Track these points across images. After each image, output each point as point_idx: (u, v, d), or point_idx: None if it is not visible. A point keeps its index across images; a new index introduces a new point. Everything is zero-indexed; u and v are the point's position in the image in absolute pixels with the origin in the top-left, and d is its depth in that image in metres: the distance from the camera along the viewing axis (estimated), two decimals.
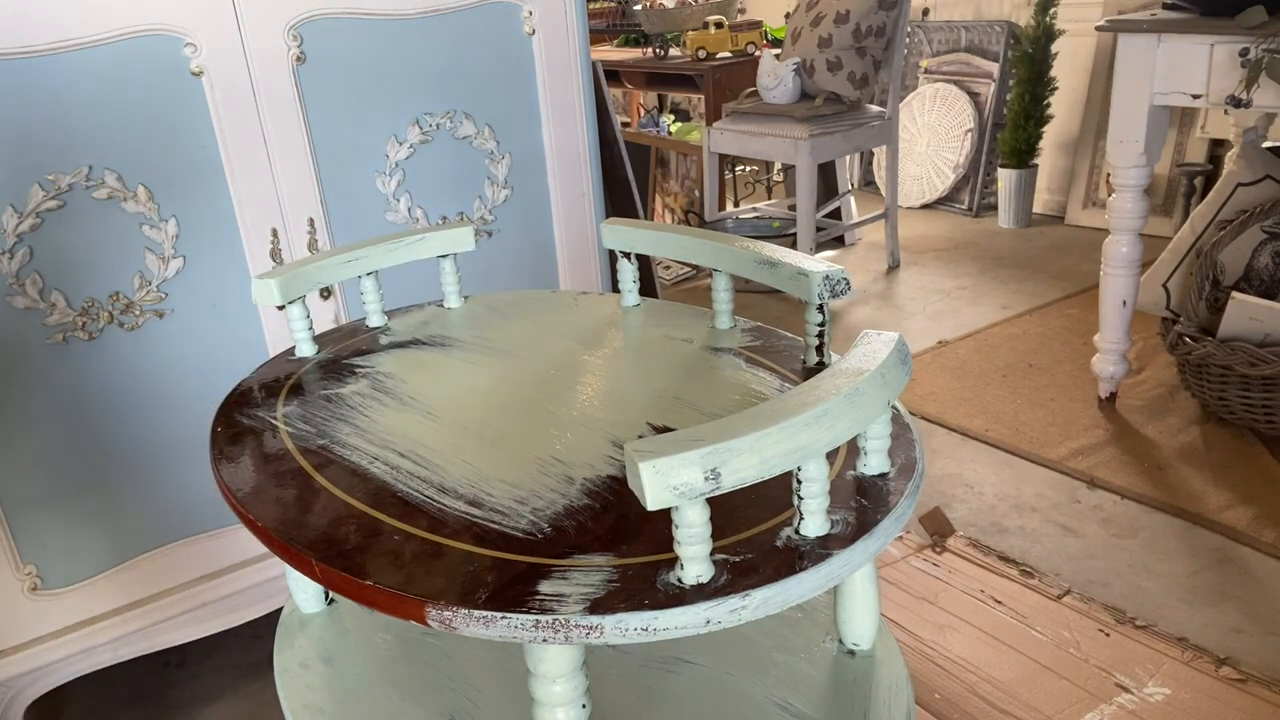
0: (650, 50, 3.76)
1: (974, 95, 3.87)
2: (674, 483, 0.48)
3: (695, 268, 3.41)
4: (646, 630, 0.50)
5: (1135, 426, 2.14)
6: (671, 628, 0.51)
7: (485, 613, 0.52)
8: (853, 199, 3.69)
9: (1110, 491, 1.91)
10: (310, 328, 0.95)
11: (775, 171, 4.40)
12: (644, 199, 3.45)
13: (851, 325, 2.89)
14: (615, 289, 1.02)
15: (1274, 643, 1.46)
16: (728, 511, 0.59)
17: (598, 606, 0.51)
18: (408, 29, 1.42)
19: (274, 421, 0.79)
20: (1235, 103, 1.75)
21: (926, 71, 4.06)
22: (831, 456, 0.60)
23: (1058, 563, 1.69)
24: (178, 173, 1.30)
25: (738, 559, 0.55)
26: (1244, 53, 1.71)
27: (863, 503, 0.60)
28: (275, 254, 1.39)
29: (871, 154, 4.30)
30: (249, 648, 1.60)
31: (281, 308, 0.92)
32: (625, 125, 3.81)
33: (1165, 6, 1.91)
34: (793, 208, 3.18)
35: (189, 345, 1.36)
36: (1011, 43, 3.73)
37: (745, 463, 0.49)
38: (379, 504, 0.64)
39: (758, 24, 3.76)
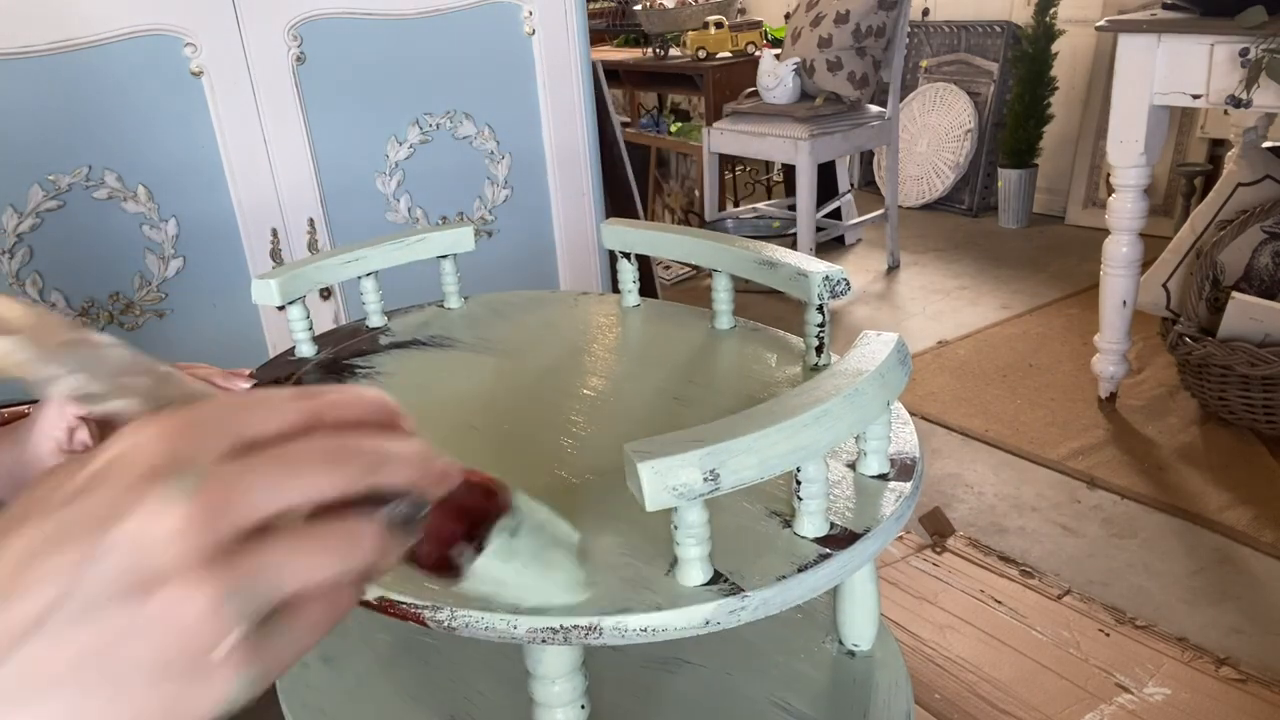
0: (650, 50, 3.76)
1: (974, 95, 3.87)
2: (673, 484, 0.48)
3: (695, 268, 3.40)
4: (645, 631, 0.50)
5: (1135, 426, 2.14)
6: (670, 629, 0.51)
7: (484, 614, 0.52)
8: (852, 199, 3.68)
9: (1110, 491, 1.91)
10: (310, 328, 0.95)
11: (775, 171, 4.40)
12: (644, 199, 3.45)
13: (851, 325, 2.89)
14: (615, 289, 1.02)
15: (1274, 643, 1.46)
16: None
17: None
18: (407, 29, 1.42)
19: None
20: (1235, 103, 1.75)
21: (926, 71, 4.06)
22: (830, 457, 0.60)
23: (1058, 563, 1.69)
24: (178, 173, 1.30)
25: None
26: (1244, 53, 1.71)
27: (862, 504, 0.60)
28: (275, 254, 1.39)
29: (871, 154, 4.30)
30: None
31: (281, 308, 0.92)
32: (625, 125, 3.80)
33: (1165, 6, 1.91)
34: (792, 208, 3.18)
35: (189, 345, 1.36)
36: (1011, 43, 3.73)
37: (744, 464, 0.49)
38: None
39: (758, 24, 3.76)
